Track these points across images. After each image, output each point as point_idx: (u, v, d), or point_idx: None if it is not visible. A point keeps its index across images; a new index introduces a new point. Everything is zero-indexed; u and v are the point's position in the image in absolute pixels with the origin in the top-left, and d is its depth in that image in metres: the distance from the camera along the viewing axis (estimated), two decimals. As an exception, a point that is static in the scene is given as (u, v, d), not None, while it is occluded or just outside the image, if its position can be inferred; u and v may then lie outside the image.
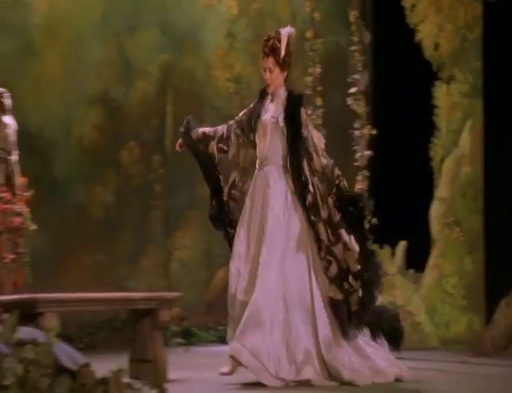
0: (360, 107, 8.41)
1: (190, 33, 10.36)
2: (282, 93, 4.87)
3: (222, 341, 9.12)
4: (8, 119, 7.44)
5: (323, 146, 4.83)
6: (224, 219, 5.05)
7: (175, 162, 10.50)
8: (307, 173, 4.67)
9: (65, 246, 9.32)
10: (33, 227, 7.52)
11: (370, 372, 4.51)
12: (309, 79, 8.61)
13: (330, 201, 4.64)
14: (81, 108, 9.71)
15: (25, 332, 3.06)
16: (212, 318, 9.60)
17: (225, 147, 4.89)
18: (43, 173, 9.19)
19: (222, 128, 4.99)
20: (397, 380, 4.59)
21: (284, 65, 4.81)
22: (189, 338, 9.13)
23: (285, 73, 4.84)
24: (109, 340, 8.72)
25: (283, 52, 4.75)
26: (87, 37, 9.65)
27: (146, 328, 5.27)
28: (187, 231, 10.32)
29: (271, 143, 4.77)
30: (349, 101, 8.56)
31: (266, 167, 4.80)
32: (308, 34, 8.68)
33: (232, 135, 4.93)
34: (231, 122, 4.98)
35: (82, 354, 2.88)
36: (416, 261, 8.18)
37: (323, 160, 4.75)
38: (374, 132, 8.60)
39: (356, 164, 8.80)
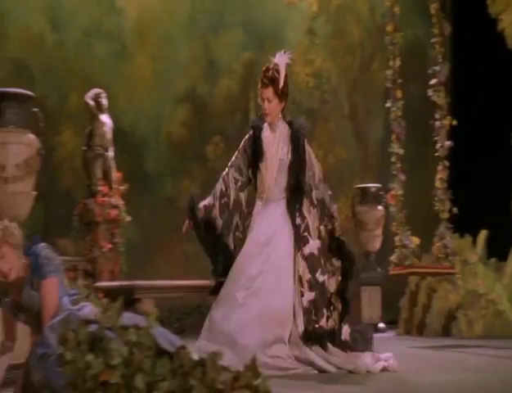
0: (440, 98, 8.29)
1: (272, 32, 10.45)
2: (281, 124, 4.67)
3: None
4: (105, 118, 7.69)
5: (321, 177, 4.76)
6: (227, 265, 4.62)
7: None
8: (305, 210, 4.59)
9: (155, 236, 9.60)
10: (128, 218, 7.78)
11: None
12: (389, 72, 8.53)
13: (324, 233, 4.61)
14: (169, 106, 9.97)
15: (128, 316, 3.22)
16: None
17: (226, 199, 4.57)
18: (136, 168, 9.49)
19: (219, 185, 4.63)
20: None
21: (282, 95, 4.61)
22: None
23: (283, 103, 4.64)
24: (197, 325, 8.93)
25: (281, 83, 4.56)
26: (175, 39, 9.89)
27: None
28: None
29: (279, 179, 4.59)
30: (429, 92, 8.45)
31: (269, 200, 4.59)
32: (388, 28, 8.61)
33: (231, 184, 4.60)
34: (225, 171, 4.64)
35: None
36: (499, 250, 8.00)
37: (319, 194, 4.66)
38: (454, 122, 8.46)
39: (436, 154, 8.69)
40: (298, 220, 4.53)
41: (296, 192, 4.59)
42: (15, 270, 3.37)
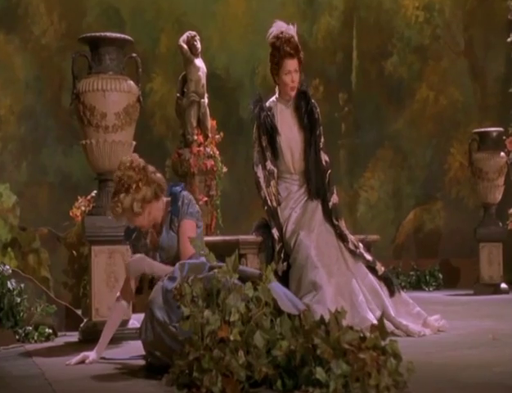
0: None
1: (378, -40, 10.24)
2: (293, 98, 4.80)
3: (414, 287, 9.23)
4: (199, 63, 7.76)
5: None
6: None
7: (361, 99, 10.52)
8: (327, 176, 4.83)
9: (250, 187, 9.70)
10: (225, 169, 7.90)
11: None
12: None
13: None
14: (265, 47, 9.90)
15: (244, 270, 3.32)
16: (401, 263, 9.65)
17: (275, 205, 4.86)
18: (230, 115, 9.60)
19: (269, 200, 4.87)
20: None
21: (301, 65, 4.75)
22: (377, 283, 9.23)
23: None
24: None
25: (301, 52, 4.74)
26: (271, -27, 9.84)
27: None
28: (375, 171, 10.37)
29: (299, 156, 4.79)
30: None
31: (294, 176, 4.83)
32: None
33: (271, 185, 4.84)
34: (259, 173, 4.87)
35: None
36: None
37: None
38: None
39: None
40: (328, 196, 4.79)
41: (318, 166, 4.79)
42: (146, 227, 3.63)
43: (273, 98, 4.84)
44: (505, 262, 8.17)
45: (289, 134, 4.77)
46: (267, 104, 4.81)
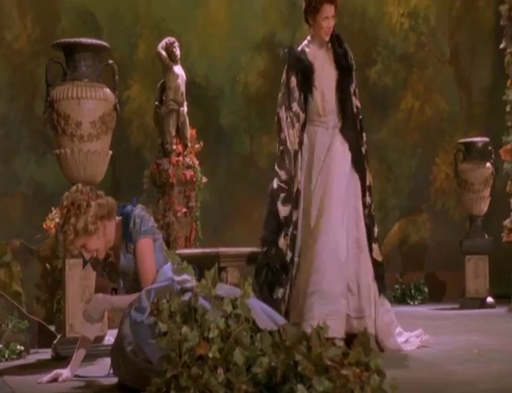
0: None
1: (361, -34, 10.31)
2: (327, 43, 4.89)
3: (399, 301, 9.24)
4: (178, 70, 7.78)
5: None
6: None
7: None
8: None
9: (232, 197, 9.73)
10: (204, 180, 7.89)
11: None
12: (504, 7, 8.27)
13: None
14: (246, 54, 9.99)
15: (221, 286, 3.32)
16: (386, 276, 9.65)
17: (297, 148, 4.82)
18: (210, 123, 9.60)
19: (298, 126, 4.83)
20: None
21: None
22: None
23: None
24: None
25: None
26: (252, -22, 9.87)
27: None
28: (359, 182, 10.41)
29: (333, 100, 4.83)
30: None
31: (328, 118, 4.82)
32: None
33: (296, 128, 4.80)
34: (285, 115, 4.80)
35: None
36: None
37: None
38: None
39: None
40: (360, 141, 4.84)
41: (349, 107, 4.82)
42: (101, 251, 3.54)
43: (305, 42, 4.91)
44: (491, 275, 8.22)
45: (322, 73, 4.80)
46: (301, 46, 4.88)
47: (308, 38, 4.89)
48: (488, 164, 8.29)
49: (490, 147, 8.39)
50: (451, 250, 8.97)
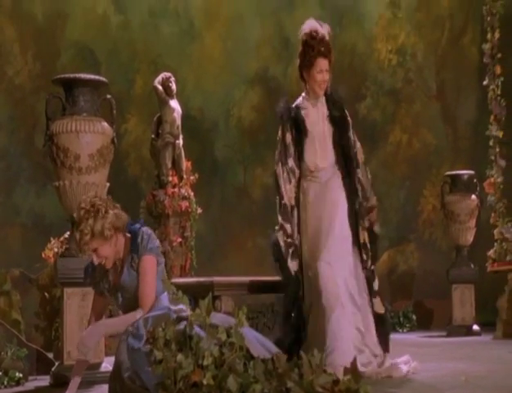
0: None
1: (351, 5, 10.43)
2: (322, 98, 4.82)
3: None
4: (174, 104, 7.83)
5: (363, 159, 4.92)
6: None
7: (336, 141, 10.62)
8: (357, 176, 4.83)
9: (226, 228, 9.75)
10: (199, 210, 7.91)
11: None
12: (487, 46, 8.34)
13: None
14: (240, 89, 10.09)
15: (216, 315, 3.32)
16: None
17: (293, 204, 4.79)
18: (205, 156, 9.65)
19: (294, 182, 4.81)
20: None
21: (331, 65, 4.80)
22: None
23: None
24: (269, 324, 9.04)
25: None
26: (246, 16, 9.99)
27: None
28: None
29: (328, 155, 4.77)
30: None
31: (320, 174, 4.76)
32: (487, -3, 8.40)
33: (292, 182, 4.78)
34: (281, 171, 4.77)
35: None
36: None
37: (361, 175, 4.85)
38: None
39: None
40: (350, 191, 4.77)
41: (346, 163, 4.78)
42: (110, 260, 3.53)
43: (300, 98, 4.86)
44: (477, 303, 8.23)
45: (316, 129, 4.73)
46: (295, 102, 4.83)
47: (303, 94, 4.84)
48: (474, 196, 8.34)
49: (475, 180, 8.44)
50: (439, 279, 8.98)
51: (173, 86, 7.78)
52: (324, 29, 4.78)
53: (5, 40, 8.99)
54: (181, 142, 7.85)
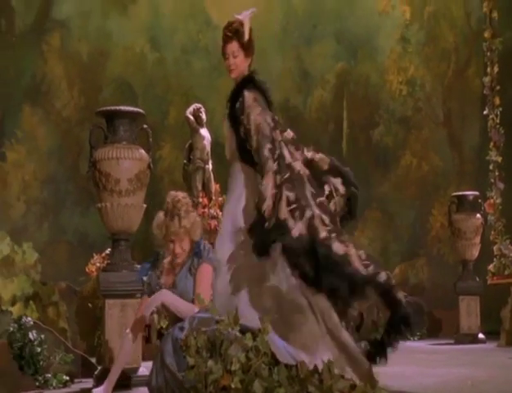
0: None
1: (365, 40, 10.50)
2: None
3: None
4: (204, 132, 7.93)
5: (266, 133, 3.79)
6: None
7: (351, 164, 10.60)
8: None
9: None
10: (227, 229, 7.96)
11: None
12: (487, 79, 8.37)
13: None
14: (263, 117, 10.16)
15: (243, 323, 3.36)
16: (389, 314, 9.66)
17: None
18: (232, 179, 9.72)
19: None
20: None
21: (248, 49, 3.95)
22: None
23: (250, 59, 3.98)
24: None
25: (247, 36, 3.91)
26: (268, 51, 10.07)
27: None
28: (364, 230, 10.44)
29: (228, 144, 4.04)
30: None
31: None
32: (486, 35, 8.44)
33: None
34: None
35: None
36: None
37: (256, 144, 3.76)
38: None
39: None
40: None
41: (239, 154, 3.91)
42: (181, 255, 3.57)
43: None
44: (482, 313, 8.19)
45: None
46: None
47: None
48: (478, 215, 8.33)
49: (480, 200, 8.43)
50: (446, 291, 8.94)
51: (203, 116, 7.88)
52: (240, 15, 3.98)
53: (54, 77, 9.17)
54: (210, 166, 7.93)
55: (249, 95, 3.90)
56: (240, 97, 3.92)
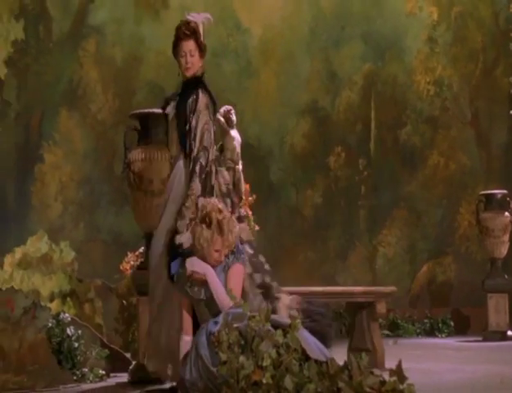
0: None
1: (392, 42, 10.43)
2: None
3: (428, 334, 9.13)
4: (235, 133, 7.93)
5: (207, 146, 4.06)
6: None
7: (379, 164, 10.62)
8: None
9: (280, 243, 9.79)
10: (257, 228, 7.98)
11: None
12: (515, 79, 8.26)
13: None
14: (292, 119, 10.17)
15: (274, 320, 3.36)
16: (416, 311, 9.60)
17: None
18: (261, 179, 9.73)
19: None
20: None
21: (203, 50, 4.05)
22: (395, 330, 9.18)
23: (202, 61, 4.07)
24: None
25: (202, 36, 4.02)
26: (297, 53, 10.09)
27: (365, 319, 5.37)
28: (392, 229, 10.38)
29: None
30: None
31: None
32: (514, 34, 8.33)
33: None
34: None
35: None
36: None
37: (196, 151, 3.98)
38: None
39: None
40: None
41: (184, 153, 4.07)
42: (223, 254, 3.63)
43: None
44: (510, 311, 8.08)
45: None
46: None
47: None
48: (507, 214, 8.22)
49: (508, 199, 8.33)
50: (474, 289, 8.84)
51: (233, 117, 7.88)
52: (193, 17, 4.13)
53: (89, 81, 9.28)
54: (240, 167, 7.94)
55: (202, 98, 4.08)
56: (193, 95, 4.07)
